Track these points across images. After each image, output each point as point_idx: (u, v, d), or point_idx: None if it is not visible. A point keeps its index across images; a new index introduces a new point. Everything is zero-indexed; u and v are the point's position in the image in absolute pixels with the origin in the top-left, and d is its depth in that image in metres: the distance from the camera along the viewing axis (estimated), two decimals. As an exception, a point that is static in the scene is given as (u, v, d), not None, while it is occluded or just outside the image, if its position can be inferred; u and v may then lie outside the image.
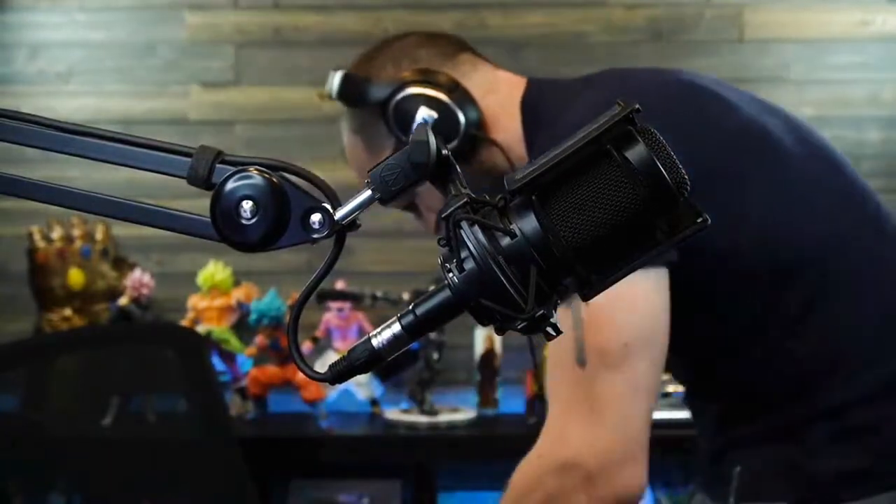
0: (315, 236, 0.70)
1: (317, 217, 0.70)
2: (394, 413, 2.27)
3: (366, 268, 2.63)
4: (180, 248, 2.64)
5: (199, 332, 2.27)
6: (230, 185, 0.70)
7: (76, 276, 2.48)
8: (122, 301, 2.40)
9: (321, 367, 0.74)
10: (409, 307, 0.69)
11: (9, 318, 2.64)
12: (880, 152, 2.70)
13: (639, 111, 0.65)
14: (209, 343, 2.24)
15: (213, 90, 2.73)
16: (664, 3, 2.73)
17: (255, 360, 2.32)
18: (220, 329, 2.32)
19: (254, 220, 0.69)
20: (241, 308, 2.35)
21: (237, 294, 2.37)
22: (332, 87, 1.34)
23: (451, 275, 0.67)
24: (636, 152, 0.65)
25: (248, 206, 0.69)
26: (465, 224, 0.65)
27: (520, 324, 0.65)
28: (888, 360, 1.22)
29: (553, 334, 0.67)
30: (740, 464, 1.24)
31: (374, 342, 0.69)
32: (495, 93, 1.34)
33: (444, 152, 0.69)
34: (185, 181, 0.71)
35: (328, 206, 0.70)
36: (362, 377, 2.13)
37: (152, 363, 1.92)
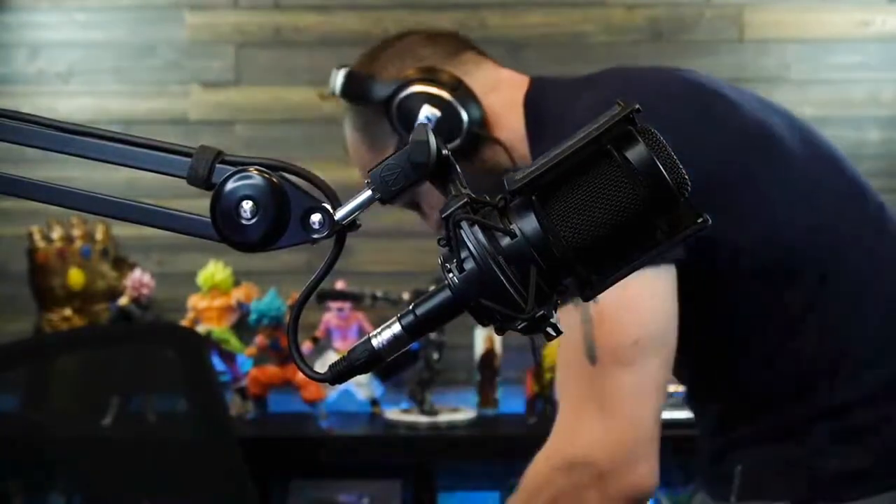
0: (315, 236, 0.70)
1: (317, 217, 0.70)
2: (394, 413, 2.27)
3: (366, 268, 2.63)
4: (180, 248, 2.64)
5: (199, 332, 2.27)
6: (230, 185, 0.70)
7: (76, 276, 2.48)
8: (122, 301, 2.40)
9: (321, 367, 0.74)
10: (409, 307, 0.69)
11: (9, 318, 2.64)
12: (880, 152, 2.70)
13: (639, 111, 0.65)
14: (209, 343, 2.24)
15: (213, 90, 2.73)
16: (664, 3, 2.73)
17: (255, 360, 2.32)
18: (220, 329, 2.32)
19: (254, 220, 0.69)
20: (241, 308, 2.35)
21: (237, 294, 2.37)
22: (335, 84, 1.34)
23: (451, 275, 0.67)
24: (636, 152, 0.65)
25: (248, 206, 0.69)
26: (465, 224, 0.65)
27: (520, 324, 0.65)
28: (889, 360, 1.22)
29: (553, 334, 0.67)
30: (741, 463, 1.24)
31: (374, 342, 0.69)
32: (498, 91, 1.34)
33: (444, 152, 0.69)
34: (185, 181, 0.71)
35: (328, 206, 0.70)
36: (362, 377, 2.13)
37: (152, 363, 1.92)
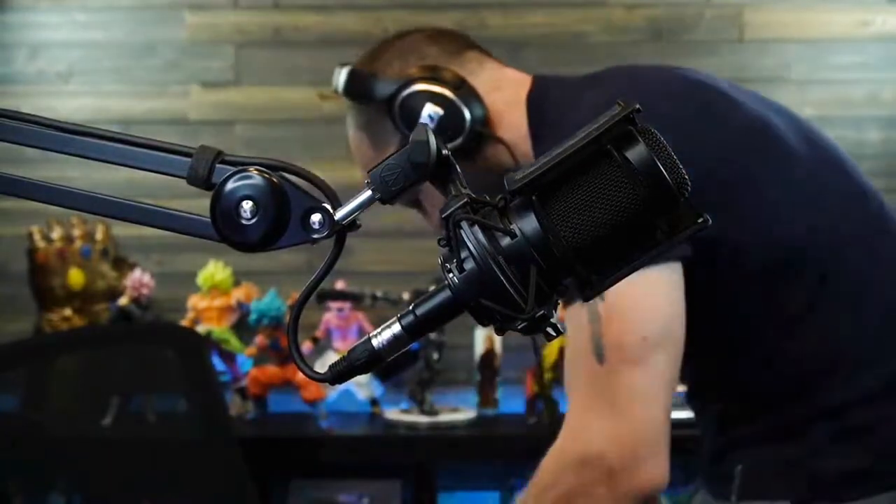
0: (315, 236, 0.70)
1: (317, 217, 0.70)
2: (394, 413, 2.27)
3: (366, 268, 2.63)
4: (180, 248, 2.64)
5: (199, 332, 2.27)
6: (230, 185, 0.69)
7: (76, 276, 2.48)
8: (122, 301, 2.40)
9: (321, 367, 0.74)
10: (409, 307, 0.69)
11: (9, 318, 2.64)
12: (880, 152, 2.70)
13: (639, 111, 0.65)
14: (209, 343, 2.24)
15: (213, 90, 2.73)
16: (664, 3, 2.73)
17: (255, 360, 2.32)
18: (220, 329, 2.32)
19: (254, 220, 0.69)
20: (241, 308, 2.35)
21: (237, 294, 2.37)
22: (337, 82, 1.34)
23: (451, 275, 0.67)
24: (636, 152, 0.65)
25: (248, 206, 0.69)
26: (465, 224, 0.65)
27: (520, 324, 0.65)
28: (888, 360, 1.22)
29: (553, 334, 0.67)
30: (741, 463, 1.24)
31: (374, 342, 0.69)
32: (501, 90, 1.34)
33: (444, 152, 0.69)
34: (185, 181, 0.71)
35: (328, 206, 0.69)
36: (362, 377, 2.12)
37: (152, 363, 1.92)
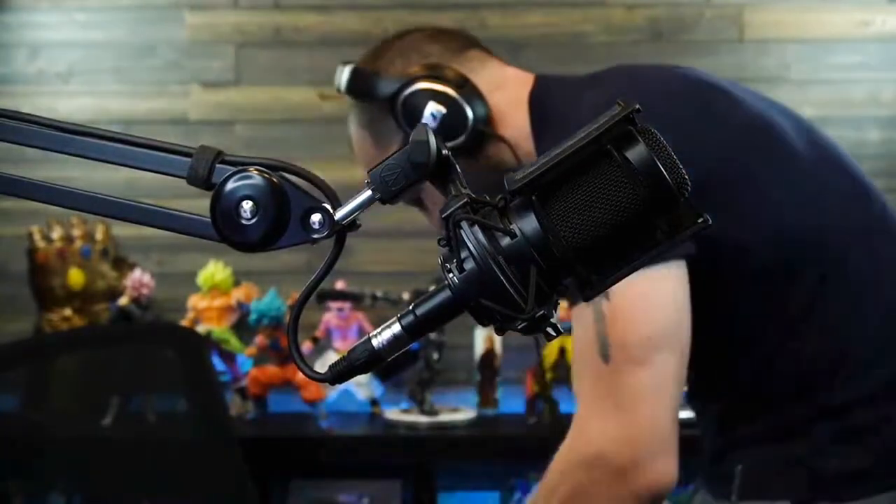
0: (315, 236, 0.70)
1: (317, 217, 0.70)
2: (394, 413, 2.27)
3: (366, 268, 2.63)
4: (180, 248, 2.64)
5: (199, 332, 2.27)
6: (230, 185, 0.70)
7: (76, 276, 2.48)
8: (122, 301, 2.40)
9: (321, 367, 0.74)
10: (409, 307, 0.69)
11: (9, 318, 2.64)
12: (880, 152, 2.70)
13: (639, 111, 0.65)
14: (209, 343, 2.24)
15: (213, 90, 2.73)
16: (664, 3, 2.73)
17: (255, 360, 2.32)
18: (220, 329, 2.32)
19: (254, 220, 0.69)
20: (241, 308, 2.35)
21: (237, 294, 2.37)
22: (340, 81, 1.34)
23: (451, 275, 0.67)
24: (636, 152, 0.65)
25: (248, 206, 0.69)
26: (465, 224, 0.65)
27: (520, 324, 0.65)
28: (889, 360, 1.22)
29: (553, 334, 0.67)
30: (742, 463, 1.24)
31: (374, 342, 0.69)
32: (503, 89, 1.34)
33: (444, 152, 0.69)
34: (185, 181, 0.71)
35: (328, 206, 0.70)
36: (362, 377, 2.12)
37: (152, 363, 1.92)
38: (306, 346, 2.33)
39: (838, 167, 1.29)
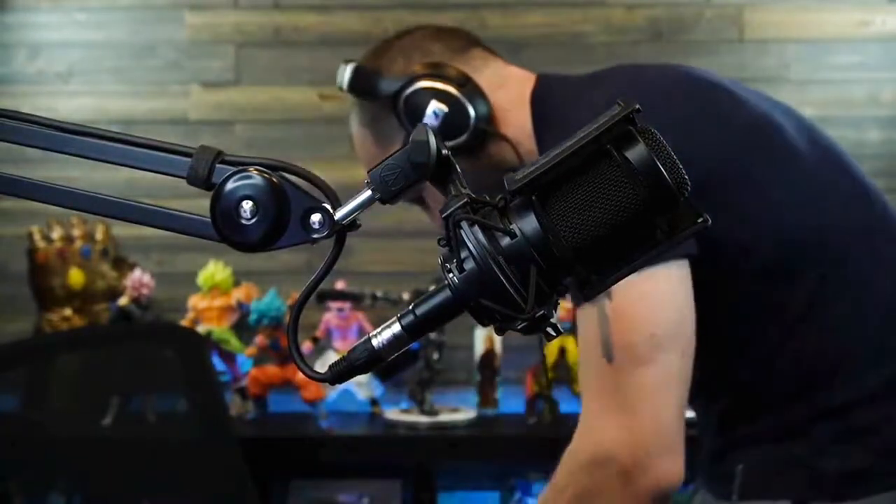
0: (315, 236, 0.70)
1: (317, 217, 0.70)
2: (394, 413, 2.27)
3: (366, 268, 2.63)
4: (180, 248, 2.64)
5: (199, 332, 2.27)
6: (230, 185, 0.70)
7: (76, 276, 2.48)
8: (122, 301, 2.40)
9: (321, 367, 0.74)
10: (409, 307, 0.69)
11: (9, 318, 2.64)
12: (880, 152, 2.70)
13: (639, 111, 0.65)
14: (209, 343, 2.24)
15: (213, 90, 2.73)
16: (664, 3, 2.74)
17: (255, 360, 2.32)
18: (220, 329, 2.32)
19: (254, 220, 0.69)
20: (241, 308, 2.35)
21: (237, 294, 2.37)
22: (342, 79, 1.34)
23: (451, 275, 0.67)
24: (636, 152, 0.65)
25: (248, 206, 0.69)
26: (465, 224, 0.65)
27: (520, 324, 0.65)
28: (889, 360, 1.22)
29: (553, 334, 0.67)
30: (742, 462, 1.24)
31: (374, 342, 0.69)
32: (505, 88, 1.34)
33: (444, 152, 0.69)
34: (185, 181, 0.71)
35: (328, 206, 0.70)
36: (362, 377, 2.13)
37: (152, 363, 1.92)
38: (306, 346, 2.33)
39: (839, 167, 1.29)
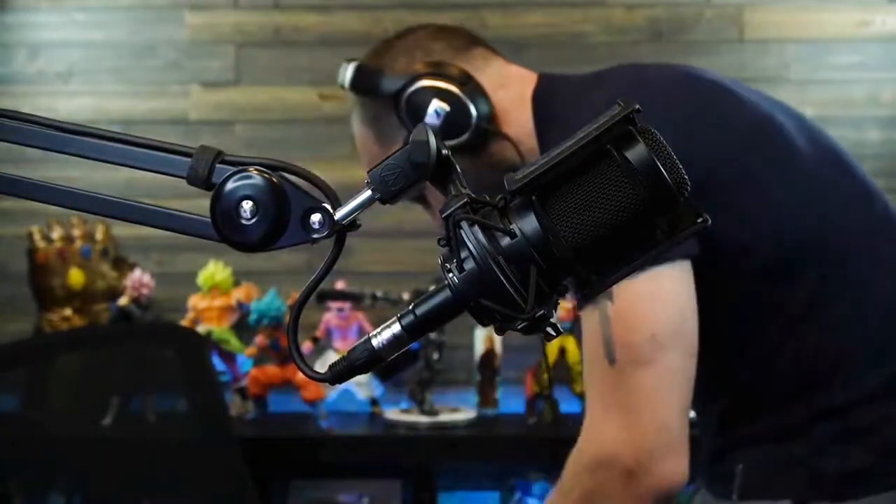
0: (315, 236, 0.70)
1: (317, 217, 0.70)
2: (394, 413, 2.27)
3: (366, 268, 2.63)
4: (180, 248, 2.64)
5: (199, 332, 2.27)
6: (230, 185, 0.70)
7: (76, 276, 2.48)
8: (122, 301, 2.40)
9: (321, 367, 0.74)
10: (409, 307, 0.69)
11: (9, 318, 2.64)
12: (880, 152, 2.70)
13: (639, 111, 0.65)
14: (209, 343, 2.24)
15: (213, 90, 2.73)
16: (664, 3, 2.74)
17: (255, 360, 2.32)
18: (220, 329, 2.32)
19: (254, 220, 0.69)
20: (241, 308, 2.35)
21: (237, 294, 2.37)
22: (344, 77, 1.34)
23: (451, 275, 0.67)
24: (636, 152, 0.65)
25: (248, 206, 0.69)
26: (464, 224, 0.65)
27: (520, 324, 0.65)
28: (889, 360, 1.22)
29: (553, 334, 0.67)
30: (742, 462, 1.24)
31: (374, 342, 0.69)
32: (507, 87, 1.34)
33: (444, 152, 0.69)
34: (185, 181, 0.71)
35: (328, 206, 0.70)
36: (362, 377, 2.12)
37: (152, 363, 1.92)
38: (306, 346, 2.33)
39: (840, 167, 1.29)
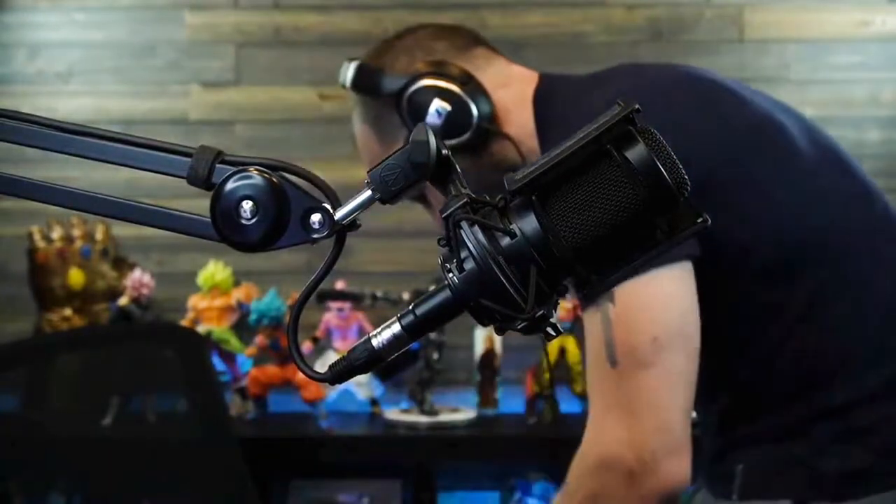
0: (315, 236, 0.70)
1: (317, 217, 0.70)
2: (394, 413, 2.27)
3: (366, 268, 2.63)
4: (180, 248, 2.64)
5: (199, 332, 2.27)
6: (230, 185, 0.70)
7: (76, 276, 2.48)
8: (122, 301, 2.40)
9: (321, 367, 0.74)
10: (409, 307, 0.69)
11: (9, 318, 2.64)
12: (880, 152, 2.70)
13: (639, 111, 0.65)
14: (209, 343, 2.24)
15: (213, 90, 2.73)
16: (664, 3, 2.73)
17: (255, 360, 2.32)
18: (220, 329, 2.32)
19: (254, 220, 0.69)
20: (241, 308, 2.35)
21: (237, 294, 2.37)
22: (345, 76, 1.34)
23: (451, 275, 0.67)
24: (636, 152, 0.65)
25: (248, 206, 0.69)
26: (464, 224, 0.65)
27: (520, 324, 0.65)
28: (889, 360, 1.22)
29: (553, 334, 0.67)
30: (742, 462, 1.24)
31: (374, 342, 0.69)
32: (508, 87, 1.34)
33: (444, 152, 0.69)
34: (185, 181, 0.71)
35: (328, 206, 0.70)
36: (362, 377, 2.13)
37: (152, 363, 1.92)
38: (306, 346, 2.33)
39: (840, 167, 1.29)
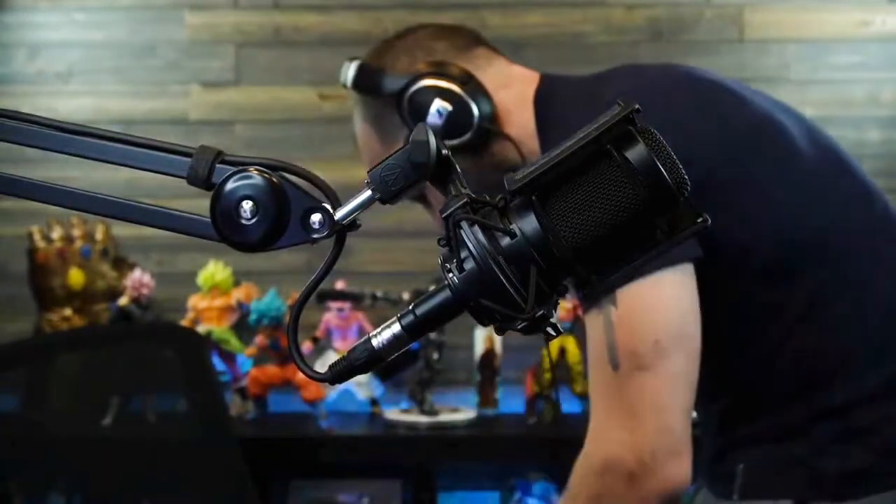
0: (315, 236, 0.70)
1: (317, 217, 0.70)
2: (394, 413, 2.27)
3: (366, 268, 2.63)
4: (180, 248, 2.64)
5: (199, 332, 2.27)
6: (230, 185, 0.70)
7: (76, 276, 2.48)
8: (122, 301, 2.40)
9: (321, 367, 0.74)
10: (409, 307, 0.69)
11: (9, 318, 2.64)
12: (880, 152, 2.70)
13: (639, 111, 0.65)
14: (209, 343, 2.24)
15: (213, 90, 2.73)
16: (664, 3, 2.73)
17: (255, 360, 2.32)
18: (220, 329, 2.32)
19: (254, 220, 0.69)
20: (241, 308, 2.35)
21: (237, 294, 2.37)
22: (346, 76, 1.34)
23: (451, 275, 0.67)
24: (636, 152, 0.65)
25: (248, 206, 0.69)
26: (464, 224, 0.66)
27: (520, 324, 0.65)
28: (889, 360, 1.22)
29: (553, 334, 0.67)
30: (743, 462, 1.24)
31: (374, 342, 0.69)
32: (509, 87, 1.34)
33: (444, 152, 0.69)
34: (185, 181, 0.71)
35: (328, 206, 0.70)
36: (362, 377, 2.13)
37: (152, 363, 1.92)
38: (306, 346, 2.33)
39: (840, 167, 1.29)
